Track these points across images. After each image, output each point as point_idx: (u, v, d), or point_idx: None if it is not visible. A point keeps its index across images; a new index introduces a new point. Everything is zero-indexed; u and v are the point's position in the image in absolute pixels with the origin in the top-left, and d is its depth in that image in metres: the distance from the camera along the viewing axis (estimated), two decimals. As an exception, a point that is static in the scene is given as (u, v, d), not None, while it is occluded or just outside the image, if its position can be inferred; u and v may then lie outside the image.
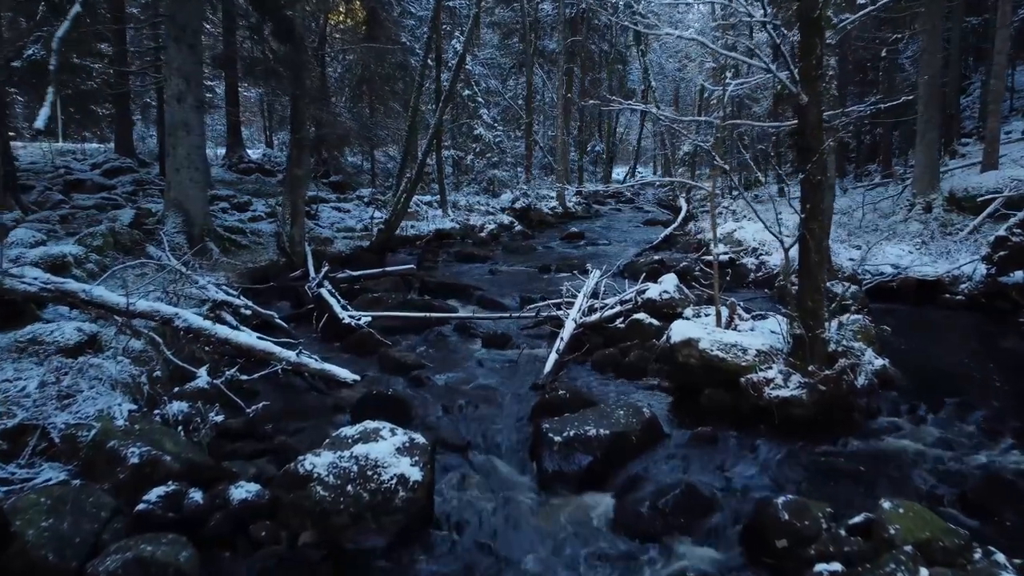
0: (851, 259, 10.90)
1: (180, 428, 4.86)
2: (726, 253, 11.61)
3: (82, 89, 27.12)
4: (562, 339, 7.04)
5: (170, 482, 3.84)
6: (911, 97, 13.14)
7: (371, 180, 22.59)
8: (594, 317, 7.78)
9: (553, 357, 6.81)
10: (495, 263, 13.02)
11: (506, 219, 18.47)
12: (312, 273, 10.07)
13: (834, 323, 5.89)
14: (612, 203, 27.25)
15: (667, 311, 7.96)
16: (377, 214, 15.42)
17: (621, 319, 7.90)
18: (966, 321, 9.07)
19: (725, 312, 6.77)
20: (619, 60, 31.26)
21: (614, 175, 34.25)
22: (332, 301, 8.58)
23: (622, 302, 8.08)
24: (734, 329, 6.59)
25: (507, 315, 8.24)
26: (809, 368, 5.57)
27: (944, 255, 10.66)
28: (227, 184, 18.24)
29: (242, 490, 3.84)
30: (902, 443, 5.21)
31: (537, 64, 27.33)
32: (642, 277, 8.54)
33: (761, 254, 11.49)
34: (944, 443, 5.19)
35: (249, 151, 24.77)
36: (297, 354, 6.16)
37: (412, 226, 16.06)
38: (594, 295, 8.48)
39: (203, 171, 10.87)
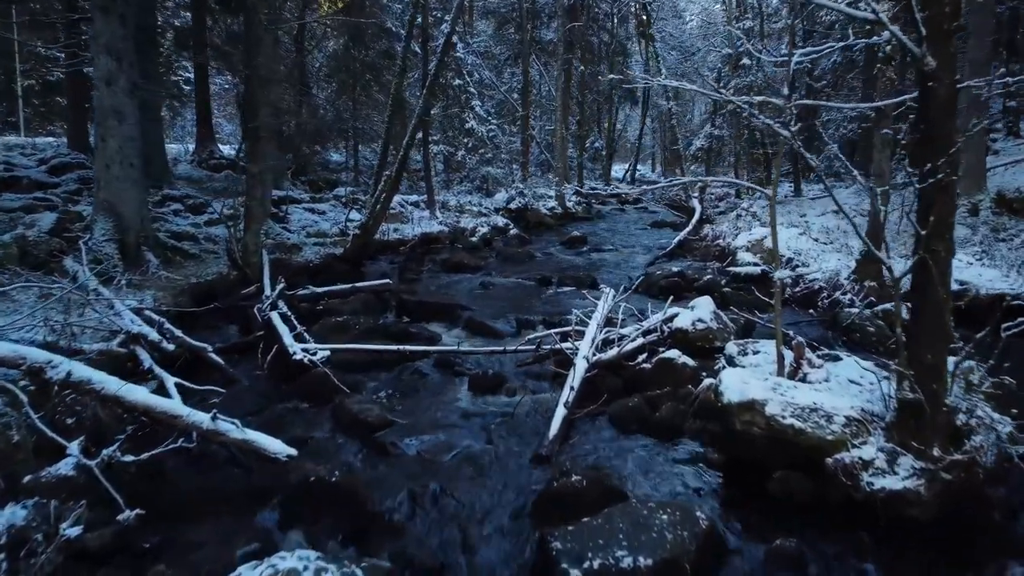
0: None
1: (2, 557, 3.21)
2: (757, 264, 9.97)
3: (48, 80, 25.26)
4: (572, 387, 5.39)
5: None
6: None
7: (354, 178, 20.86)
8: (611, 353, 6.13)
9: (561, 413, 5.16)
10: (487, 274, 11.35)
11: (500, 221, 16.80)
12: (267, 290, 8.39)
13: (957, 379, 4.25)
14: (614, 202, 25.60)
15: (703, 345, 6.32)
16: (355, 216, 13.72)
17: (644, 355, 6.25)
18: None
19: (789, 355, 5.13)
20: (620, 51, 29.59)
21: (612, 172, 32.59)
22: (282, 329, 6.90)
23: (645, 332, 6.43)
24: (803, 379, 4.95)
25: (500, 349, 6.58)
26: (926, 448, 3.94)
27: (1017, 267, 9.05)
28: (193, 182, 16.49)
29: None
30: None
31: (534, 55, 25.64)
32: (669, 302, 6.89)
33: (797, 265, 9.86)
34: None
35: (225, 147, 23.01)
36: (212, 418, 4.48)
37: (395, 229, 14.38)
38: (608, 322, 6.84)
39: (139, 167, 9.16)
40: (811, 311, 8.53)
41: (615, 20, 29.04)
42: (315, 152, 21.59)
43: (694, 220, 14.63)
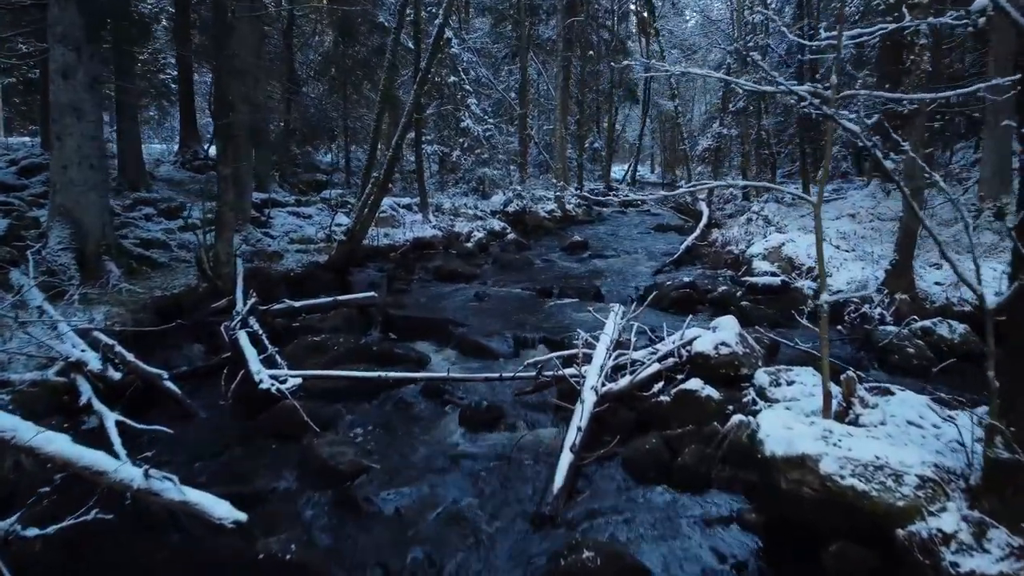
0: (938, 283, 8.51)
1: None
2: (775, 275, 9.18)
3: (30, 78, 24.41)
4: (579, 428, 4.60)
5: None
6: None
7: (346, 179, 20.06)
8: (622, 382, 5.34)
9: (566, 460, 4.38)
10: (483, 283, 10.56)
11: (497, 225, 16.00)
12: (239, 304, 7.58)
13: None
14: (615, 204, 24.80)
15: (727, 372, 5.53)
16: (343, 220, 12.91)
17: (660, 383, 5.46)
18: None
19: (836, 393, 4.35)
20: (621, 50, 28.79)
21: (612, 173, 31.76)
22: (249, 353, 6.10)
23: (661, 358, 5.63)
24: (854, 421, 4.17)
25: (496, 376, 5.79)
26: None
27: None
28: (174, 184, 15.66)
29: None
30: None
31: (532, 53, 24.85)
32: (687, 322, 6.09)
33: (819, 275, 9.05)
34: None
35: (212, 147, 22.18)
36: (145, 474, 3.68)
37: (385, 234, 13.58)
38: (618, 344, 6.04)
39: (101, 169, 8.34)
40: (839, 328, 7.74)
41: (615, 17, 28.25)
42: (306, 152, 20.80)
43: (701, 224, 13.86)
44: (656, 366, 5.58)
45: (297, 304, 7.84)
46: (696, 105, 42.38)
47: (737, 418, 4.69)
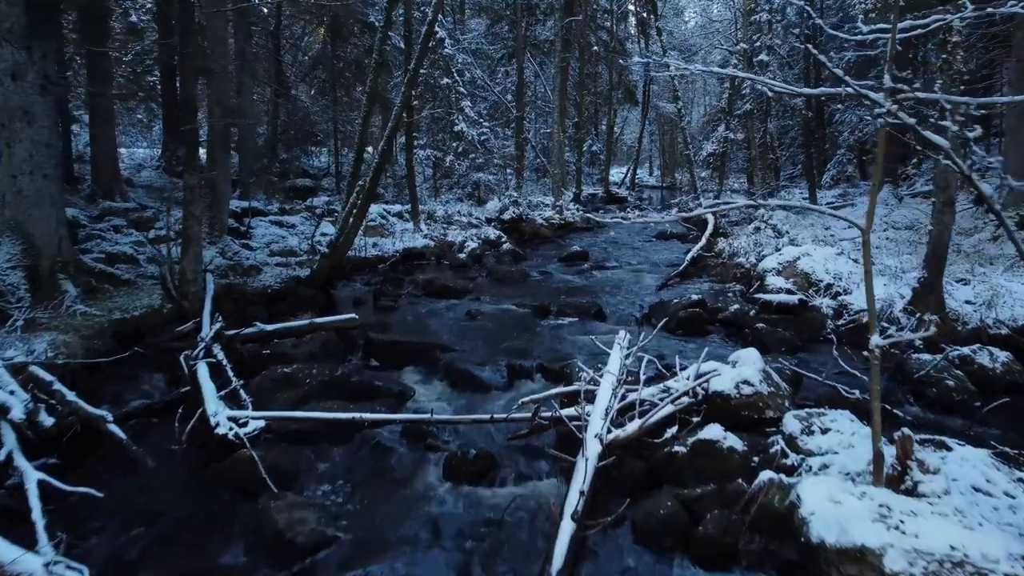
0: (969, 301, 7.83)
1: None
2: (792, 292, 8.49)
3: None
4: (582, 492, 3.90)
5: None
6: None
7: (336, 184, 19.37)
8: (631, 428, 4.64)
9: (567, 530, 3.69)
10: (476, 299, 9.86)
11: (492, 233, 15.30)
12: (206, 327, 6.88)
13: None
14: (614, 210, 24.14)
15: (750, 415, 4.84)
16: (329, 230, 12.21)
17: (675, 428, 4.76)
18: None
19: (888, 453, 3.66)
20: (619, 51, 28.13)
21: (610, 177, 31.09)
22: (208, 389, 5.41)
23: (674, 398, 4.93)
24: (912, 488, 3.48)
25: (487, 417, 5.09)
26: None
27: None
28: (154, 191, 14.95)
29: None
30: None
31: (529, 54, 24.18)
32: (703, 355, 5.38)
33: (838, 292, 8.39)
34: None
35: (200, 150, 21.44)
36: (47, 567, 2.98)
37: (374, 244, 12.89)
38: (624, 378, 5.35)
39: (56, 178, 7.62)
40: (866, 354, 7.03)
41: (614, 17, 27.60)
42: (294, 156, 20.09)
43: (707, 233, 13.17)
44: (669, 407, 4.89)
45: (269, 328, 7.13)
46: (695, 107, 41.81)
47: (766, 476, 4.00)
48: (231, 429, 4.96)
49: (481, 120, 19.47)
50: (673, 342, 7.54)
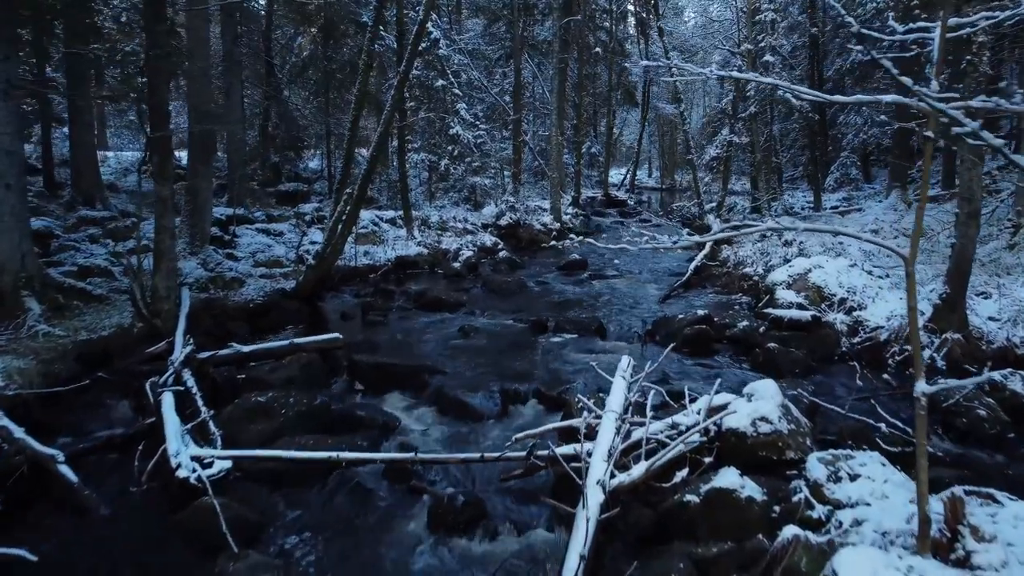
0: (993, 318, 7.36)
1: None
2: (804, 307, 8.02)
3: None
4: (582, 556, 3.43)
5: None
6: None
7: (329, 188, 18.86)
8: (637, 471, 4.16)
9: (566, 602, 3.20)
10: (470, 313, 9.39)
11: (488, 240, 14.82)
12: (178, 349, 6.40)
13: None
14: (614, 214, 23.70)
15: (768, 455, 4.37)
16: (319, 237, 11.73)
17: (685, 471, 4.29)
18: None
19: (935, 515, 3.18)
20: (619, 51, 27.67)
21: (609, 179, 30.61)
22: (171, 424, 4.94)
23: (685, 438, 4.46)
24: (965, 560, 3.01)
25: (477, 456, 4.62)
26: None
27: None
28: (139, 197, 14.43)
29: None
30: None
31: (527, 54, 23.69)
32: (716, 386, 4.90)
33: (853, 307, 7.92)
34: None
35: (181, 152, 20.96)
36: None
37: (366, 252, 12.42)
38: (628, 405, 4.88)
39: (19, 189, 7.12)
40: (885, 376, 6.57)
41: (613, 17, 27.13)
42: (287, 159, 19.61)
43: (711, 241, 12.70)
44: (679, 447, 4.41)
45: (246, 349, 6.65)
46: (695, 109, 41.31)
47: (791, 532, 3.51)
48: (194, 471, 4.49)
49: (478, 122, 18.99)
50: (680, 364, 7.07)
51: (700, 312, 8.02)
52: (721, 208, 17.03)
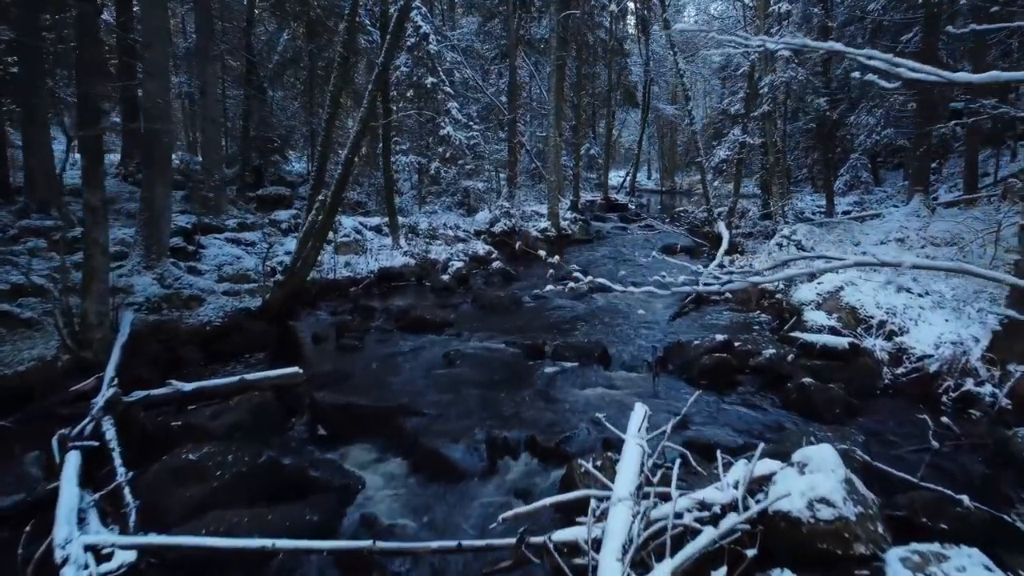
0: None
1: None
2: (838, 333, 7.00)
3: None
4: None
5: None
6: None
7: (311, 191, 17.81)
8: (660, 573, 3.14)
9: None
10: (457, 335, 8.36)
11: (481, 248, 13.81)
12: (104, 388, 5.37)
13: None
14: (614, 218, 22.68)
15: (831, 548, 3.35)
16: (294, 247, 10.69)
17: (723, 568, 3.27)
18: None
19: None
20: (619, 51, 26.67)
21: (608, 180, 29.59)
22: (64, 498, 3.91)
23: (715, 520, 3.44)
24: None
25: (453, 545, 3.60)
26: None
27: None
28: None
29: None
30: None
31: (523, 53, 22.69)
32: (759, 452, 3.86)
33: (893, 332, 6.91)
34: None
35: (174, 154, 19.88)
36: None
37: (347, 263, 11.40)
38: (642, 465, 3.85)
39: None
40: (943, 419, 5.54)
41: (613, 15, 26.11)
42: (270, 162, 18.58)
43: (722, 250, 11.68)
44: (711, 534, 3.40)
45: (187, 388, 5.62)
46: (695, 109, 40.32)
47: None
48: (85, 568, 3.46)
49: (471, 123, 17.98)
50: (698, 402, 6.04)
51: (719, 337, 7.01)
52: (732, 214, 16.00)
